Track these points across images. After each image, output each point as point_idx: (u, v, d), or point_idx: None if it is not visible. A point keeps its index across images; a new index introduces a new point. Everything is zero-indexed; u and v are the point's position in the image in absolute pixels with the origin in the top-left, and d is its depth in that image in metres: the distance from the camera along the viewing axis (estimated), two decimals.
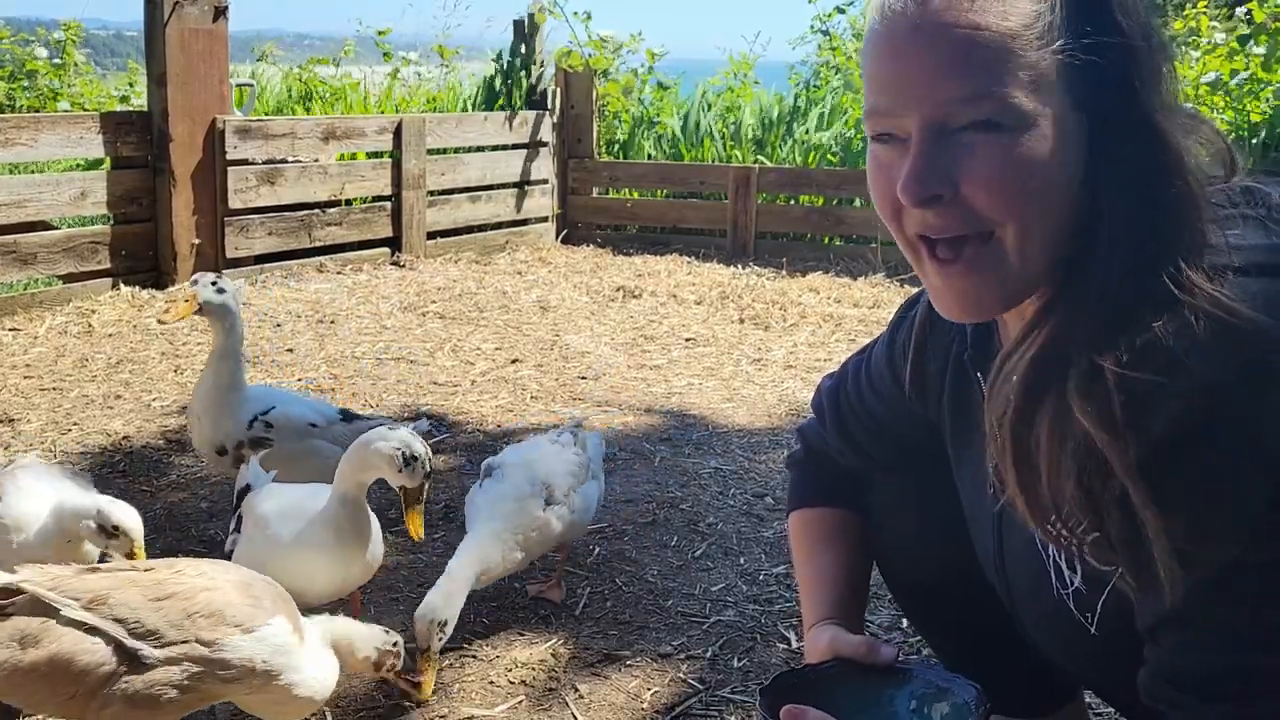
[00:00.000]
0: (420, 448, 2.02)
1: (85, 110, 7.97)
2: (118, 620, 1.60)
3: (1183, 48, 6.44)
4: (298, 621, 1.76)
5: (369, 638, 1.86)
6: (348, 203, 6.15)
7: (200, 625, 1.63)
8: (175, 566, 1.72)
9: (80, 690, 1.57)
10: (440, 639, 2.02)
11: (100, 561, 2.04)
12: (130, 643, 1.60)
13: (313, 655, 1.75)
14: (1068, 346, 0.97)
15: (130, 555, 2.02)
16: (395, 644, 1.88)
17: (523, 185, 7.05)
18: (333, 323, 4.90)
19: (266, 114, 7.68)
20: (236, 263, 5.58)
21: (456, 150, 6.76)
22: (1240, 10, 6.72)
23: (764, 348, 4.67)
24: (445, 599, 2.05)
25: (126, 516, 2.03)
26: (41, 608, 1.61)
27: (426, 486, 2.06)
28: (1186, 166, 0.97)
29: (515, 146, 6.99)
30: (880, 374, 1.41)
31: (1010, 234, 0.98)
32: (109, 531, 2.01)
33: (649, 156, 7.53)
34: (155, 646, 1.60)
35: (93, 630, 1.60)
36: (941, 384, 1.30)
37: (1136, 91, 0.97)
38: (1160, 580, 0.93)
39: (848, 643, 1.26)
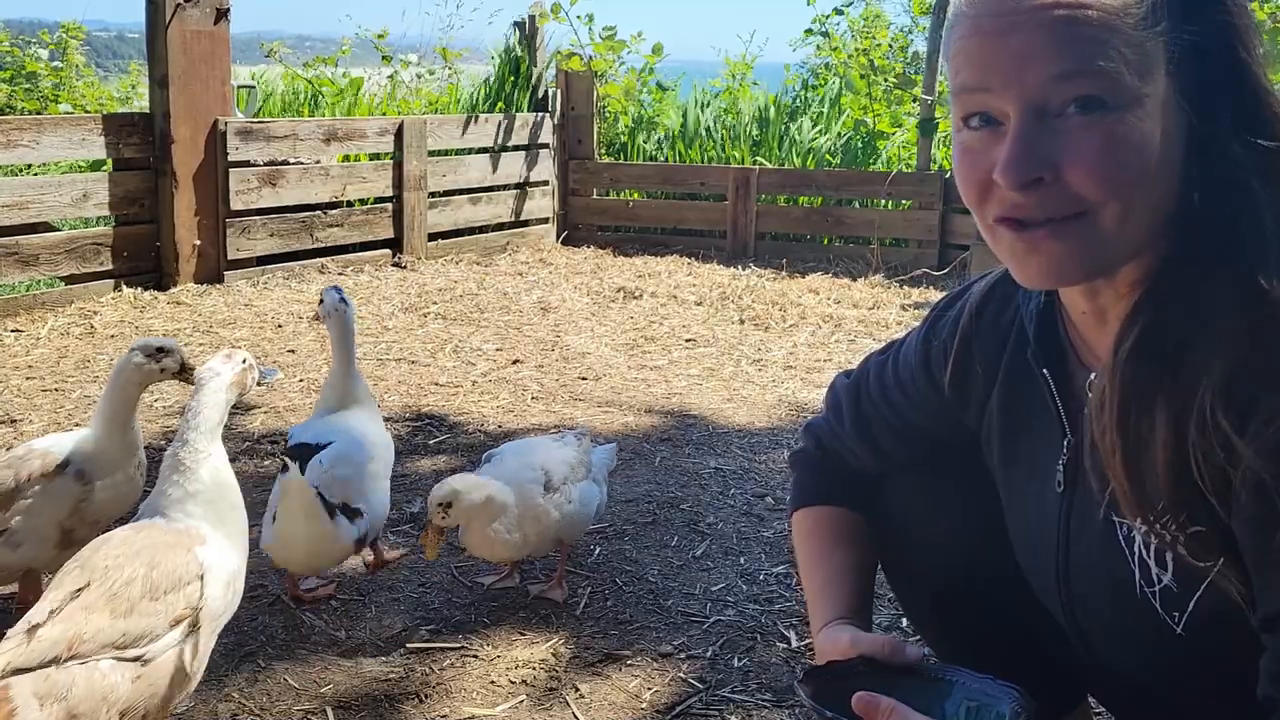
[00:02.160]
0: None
1: (87, 112, 7.98)
2: (106, 646, 1.58)
3: None
4: (196, 535, 1.76)
5: (220, 374, 1.87)
6: (349, 204, 6.16)
7: (170, 601, 1.65)
8: (95, 572, 1.65)
9: (122, 710, 1.57)
10: (444, 518, 2.18)
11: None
12: (129, 654, 1.60)
13: (218, 538, 1.78)
14: (1181, 337, 0.96)
15: (184, 367, 2.22)
16: (244, 360, 1.93)
17: (523, 186, 7.06)
18: None
19: (272, 115, 7.69)
20: (238, 264, 5.59)
21: (458, 151, 6.76)
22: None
23: (764, 348, 4.68)
24: (466, 485, 2.22)
25: (166, 340, 2.23)
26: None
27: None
28: None
29: (516, 148, 7.00)
30: (910, 372, 1.38)
31: (1110, 212, 0.97)
32: (156, 355, 2.20)
33: (651, 158, 7.54)
34: (150, 642, 1.62)
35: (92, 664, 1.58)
36: (989, 387, 1.27)
37: (1246, 69, 0.96)
38: None
39: (871, 642, 1.23)
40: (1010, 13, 0.96)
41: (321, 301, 2.69)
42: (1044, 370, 1.17)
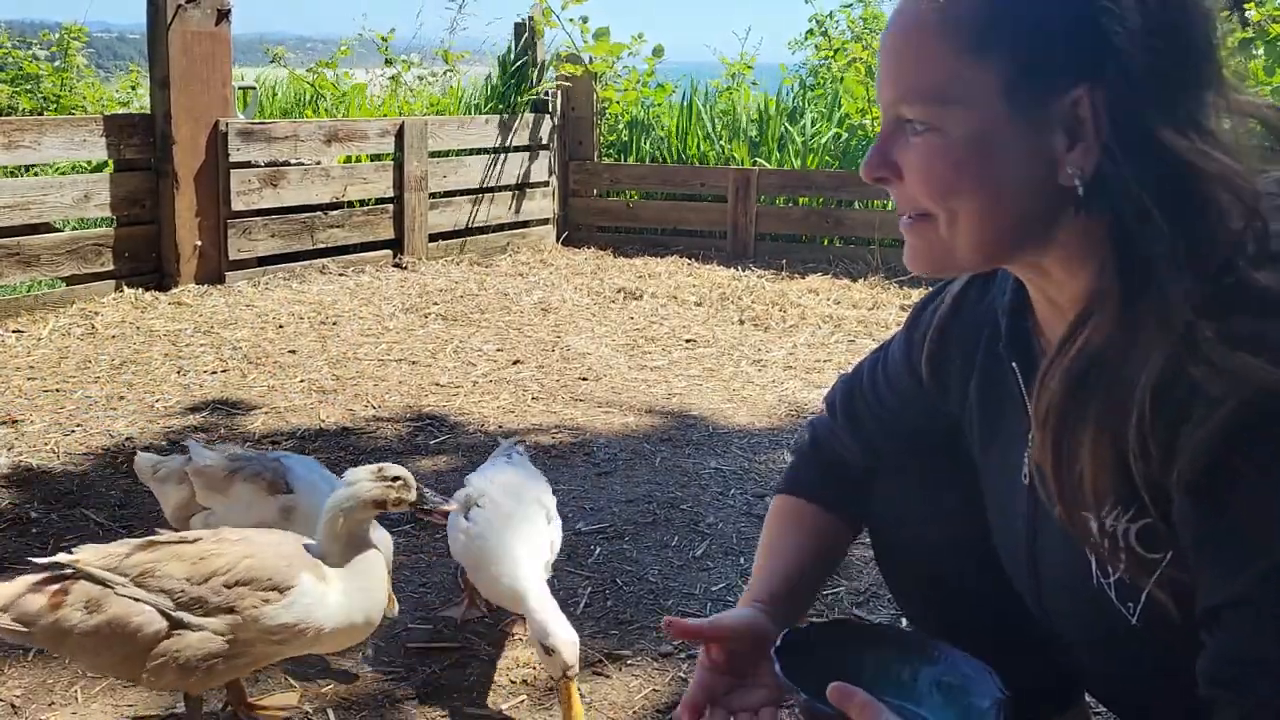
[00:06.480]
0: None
1: (88, 113, 7.99)
2: (163, 591, 1.74)
3: None
4: (319, 569, 1.85)
5: (363, 482, 1.91)
6: (350, 205, 6.17)
7: (241, 592, 1.75)
8: (219, 535, 1.85)
9: (132, 650, 1.72)
10: (571, 670, 1.88)
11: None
12: (175, 612, 1.73)
13: (339, 587, 1.84)
14: (1116, 347, 1.00)
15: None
16: (396, 477, 1.94)
17: (524, 187, 7.07)
18: (335, 324, 4.92)
19: (273, 117, 7.70)
20: (239, 264, 5.60)
21: (458, 152, 6.77)
22: (1248, 14, 6.71)
23: (764, 349, 4.69)
24: (556, 619, 1.94)
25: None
26: (100, 583, 1.76)
27: None
28: (1193, 165, 0.97)
29: (516, 149, 7.01)
30: (897, 368, 1.42)
31: (942, 218, 1.07)
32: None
33: (652, 159, 7.55)
34: (200, 614, 1.74)
35: (141, 600, 1.75)
36: (967, 375, 1.30)
37: (1133, 101, 0.97)
38: (1225, 565, 0.93)
39: (718, 627, 1.30)
40: (885, 35, 1.10)
41: None
42: (1013, 363, 1.20)
